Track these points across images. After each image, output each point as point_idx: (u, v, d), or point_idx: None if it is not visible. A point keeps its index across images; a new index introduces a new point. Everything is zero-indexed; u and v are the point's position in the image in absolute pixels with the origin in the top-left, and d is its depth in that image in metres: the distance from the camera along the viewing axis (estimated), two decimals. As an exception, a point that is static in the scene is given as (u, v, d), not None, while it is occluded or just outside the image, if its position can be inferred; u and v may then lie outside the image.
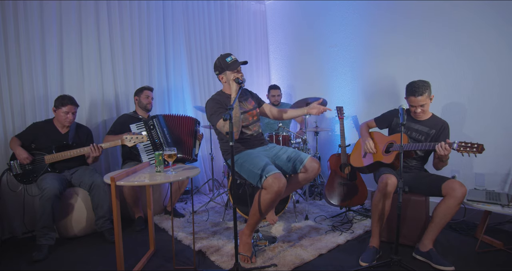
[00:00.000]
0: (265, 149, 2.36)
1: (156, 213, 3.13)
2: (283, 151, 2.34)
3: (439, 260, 1.98)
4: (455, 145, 1.98)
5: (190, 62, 3.93)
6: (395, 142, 2.33)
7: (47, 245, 2.33)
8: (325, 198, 2.98)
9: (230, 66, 2.23)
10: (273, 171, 2.00)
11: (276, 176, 1.97)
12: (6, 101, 2.76)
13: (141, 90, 3.14)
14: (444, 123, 2.29)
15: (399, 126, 2.38)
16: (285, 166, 2.30)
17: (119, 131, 2.93)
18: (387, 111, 2.55)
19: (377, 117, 2.59)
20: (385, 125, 2.55)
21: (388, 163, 2.27)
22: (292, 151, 2.33)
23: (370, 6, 3.40)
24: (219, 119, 2.15)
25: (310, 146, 3.96)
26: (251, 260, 2.09)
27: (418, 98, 2.20)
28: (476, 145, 1.91)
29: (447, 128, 2.28)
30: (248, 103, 2.40)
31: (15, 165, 2.54)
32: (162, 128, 2.99)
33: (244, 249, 2.13)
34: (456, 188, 2.01)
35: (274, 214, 2.71)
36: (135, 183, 1.78)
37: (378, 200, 2.13)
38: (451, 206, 2.01)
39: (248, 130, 2.35)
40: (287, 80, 4.50)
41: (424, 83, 2.22)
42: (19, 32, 2.80)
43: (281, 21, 4.51)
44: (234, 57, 2.27)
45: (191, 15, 3.91)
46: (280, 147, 2.41)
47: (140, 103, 3.12)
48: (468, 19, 2.72)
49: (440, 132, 2.27)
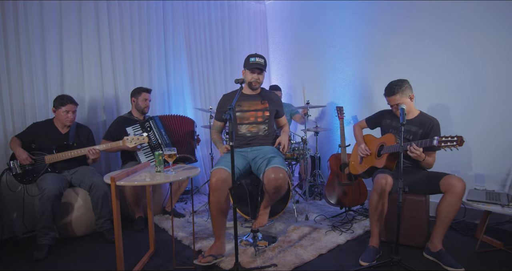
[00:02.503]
0: (246, 151, 2.38)
1: (156, 213, 3.13)
2: (262, 156, 2.29)
3: (449, 261, 1.96)
4: (435, 141, 1.95)
5: (190, 62, 3.93)
6: (385, 144, 2.33)
7: (47, 245, 2.34)
8: (325, 198, 2.98)
9: (248, 65, 2.35)
10: (216, 167, 2.13)
11: (214, 171, 2.08)
12: (6, 101, 2.75)
13: (139, 92, 3.04)
14: (432, 121, 2.22)
15: (389, 127, 2.41)
16: (255, 172, 2.31)
17: (116, 134, 2.88)
18: (377, 112, 2.56)
19: (368, 118, 2.60)
20: (375, 126, 2.56)
21: (381, 167, 2.28)
22: (269, 158, 2.23)
23: (370, 6, 3.40)
24: (213, 124, 2.43)
25: (310, 146, 3.96)
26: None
27: (391, 98, 2.23)
28: (456, 138, 1.88)
29: (436, 126, 2.21)
30: (253, 104, 2.41)
31: (15, 165, 2.54)
32: (159, 130, 2.98)
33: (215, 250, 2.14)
34: (454, 183, 2.00)
35: (265, 216, 2.41)
36: (135, 182, 1.78)
37: (374, 200, 2.14)
38: (452, 202, 2.00)
39: (243, 129, 2.39)
40: (287, 80, 4.50)
41: (399, 82, 2.21)
42: (19, 32, 2.80)
43: (281, 21, 4.51)
44: (258, 59, 2.33)
45: (191, 15, 3.91)
46: (268, 151, 2.33)
47: (138, 106, 3.03)
48: (468, 19, 2.72)
49: (429, 130, 2.21)
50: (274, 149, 2.41)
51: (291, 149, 3.28)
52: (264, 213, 2.38)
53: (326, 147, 4.01)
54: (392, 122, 2.40)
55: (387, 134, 2.37)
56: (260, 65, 2.33)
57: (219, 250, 2.13)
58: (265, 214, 2.38)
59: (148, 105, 3.07)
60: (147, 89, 3.09)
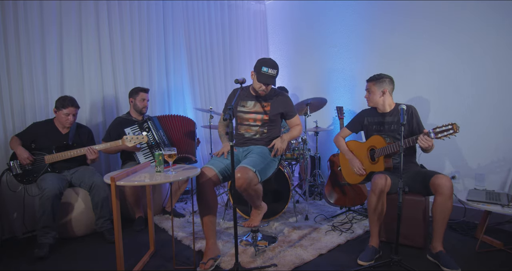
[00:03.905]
0: (238, 150, 2.37)
1: (156, 213, 3.13)
2: (250, 155, 2.25)
3: (446, 262, 1.96)
4: (432, 134, 1.95)
5: (190, 62, 3.93)
6: (375, 147, 2.31)
7: (48, 244, 2.34)
8: (325, 198, 2.98)
9: (259, 74, 2.22)
10: (205, 165, 2.17)
11: (201, 168, 2.12)
12: (6, 101, 2.75)
13: (136, 92, 2.99)
14: (410, 108, 2.28)
15: (372, 123, 2.42)
16: None
17: (115, 135, 2.85)
18: (356, 115, 2.57)
19: (348, 124, 2.59)
20: (359, 129, 2.55)
21: (381, 171, 2.26)
22: (249, 158, 2.18)
23: (370, 6, 3.40)
24: (221, 117, 2.43)
25: (310, 146, 3.96)
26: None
27: (367, 83, 2.39)
28: (450, 126, 1.88)
29: (415, 110, 2.29)
30: (255, 106, 2.37)
31: (15, 165, 2.54)
32: (157, 130, 2.97)
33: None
34: (441, 183, 2.01)
35: (256, 217, 2.32)
36: (135, 182, 1.78)
37: (373, 201, 2.14)
38: (442, 202, 2.01)
39: (242, 130, 2.38)
40: (287, 80, 4.50)
41: (382, 75, 2.34)
42: (19, 32, 2.80)
43: (281, 21, 4.52)
44: (271, 72, 2.20)
45: (191, 15, 3.91)
46: (256, 150, 2.28)
47: (136, 106, 2.99)
48: (468, 19, 2.72)
49: (410, 116, 2.26)
50: (264, 149, 2.31)
51: (291, 149, 3.28)
52: (255, 214, 2.28)
53: (326, 147, 4.01)
54: (374, 118, 2.41)
55: (373, 137, 2.34)
56: (271, 80, 2.22)
57: (215, 251, 2.12)
58: (256, 214, 2.27)
59: (146, 105, 3.03)
60: (145, 89, 3.04)
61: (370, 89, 2.36)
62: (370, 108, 2.47)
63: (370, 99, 2.39)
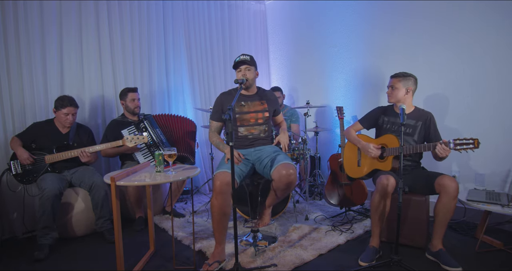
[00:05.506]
0: (249, 152, 2.35)
1: (156, 213, 3.13)
2: (266, 155, 2.27)
3: (447, 260, 1.97)
4: (451, 144, 1.97)
5: (190, 62, 3.93)
6: (386, 145, 2.30)
7: (47, 245, 2.34)
8: (325, 198, 2.98)
9: (234, 66, 2.32)
10: (219, 169, 2.11)
11: (218, 174, 2.06)
12: (6, 101, 2.75)
13: (125, 94, 2.97)
14: (428, 114, 2.31)
15: (387, 122, 2.39)
16: (261, 171, 2.27)
17: (113, 139, 2.80)
18: (371, 110, 2.53)
19: (362, 118, 2.55)
20: (372, 125, 2.51)
21: (388, 170, 2.25)
22: (274, 156, 2.22)
23: (370, 6, 3.40)
24: (211, 126, 2.39)
25: (310, 146, 3.96)
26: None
27: (392, 79, 2.34)
28: (472, 141, 1.91)
29: (433, 118, 2.31)
30: (253, 105, 2.38)
31: (15, 165, 2.54)
32: (154, 129, 2.96)
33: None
34: (446, 184, 2.01)
35: (268, 216, 2.51)
36: (135, 182, 1.78)
37: (377, 201, 2.13)
38: (446, 203, 2.01)
39: (244, 131, 2.37)
40: (287, 80, 4.50)
41: (407, 73, 2.32)
42: (19, 32, 2.80)
43: (281, 21, 4.51)
44: (242, 57, 2.30)
45: (191, 15, 3.91)
46: (271, 150, 2.31)
47: (128, 107, 2.98)
48: (468, 19, 2.72)
49: (428, 123, 2.29)
50: (276, 147, 2.39)
51: (291, 149, 3.28)
52: (267, 212, 2.37)
53: (326, 147, 4.01)
54: (390, 118, 2.39)
55: (386, 135, 2.32)
56: (244, 60, 2.28)
57: (222, 256, 2.11)
58: (268, 213, 2.38)
59: (137, 105, 3.00)
60: (133, 89, 3.02)
61: (394, 86, 2.31)
62: (387, 106, 2.46)
63: (392, 96, 2.34)
